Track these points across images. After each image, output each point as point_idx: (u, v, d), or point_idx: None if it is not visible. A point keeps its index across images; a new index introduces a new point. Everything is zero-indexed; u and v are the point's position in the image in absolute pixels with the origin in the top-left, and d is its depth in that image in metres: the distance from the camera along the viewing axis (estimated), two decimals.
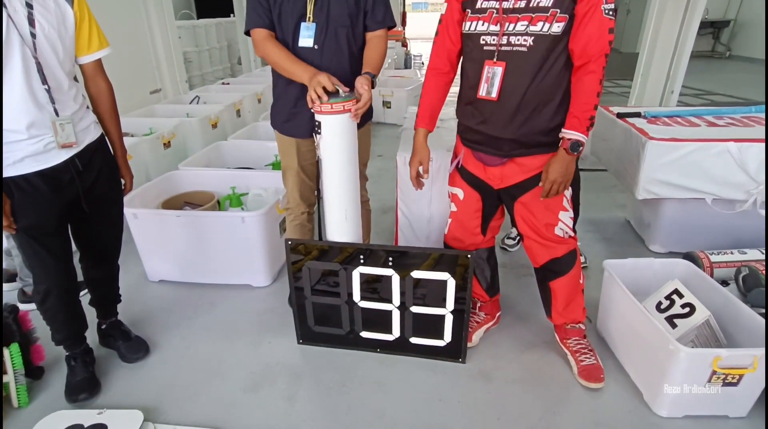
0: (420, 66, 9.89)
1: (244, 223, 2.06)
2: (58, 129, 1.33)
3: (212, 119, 3.88)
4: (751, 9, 10.56)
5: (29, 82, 1.25)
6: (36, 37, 1.24)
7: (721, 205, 2.15)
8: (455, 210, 1.69)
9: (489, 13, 1.33)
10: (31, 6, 1.23)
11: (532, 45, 1.29)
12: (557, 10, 1.25)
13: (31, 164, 1.32)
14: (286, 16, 1.56)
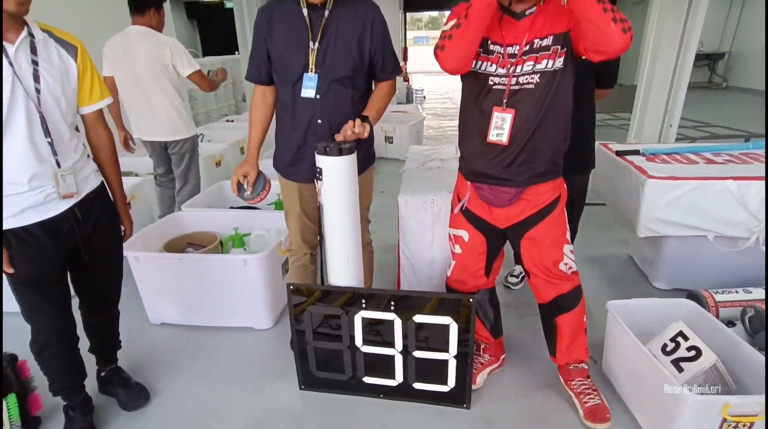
0: (422, 100, 10.09)
1: (246, 266, 2.06)
2: (60, 180, 1.35)
3: (216, 158, 3.96)
4: (745, 41, 10.81)
5: (32, 135, 1.27)
6: (40, 92, 1.27)
7: (723, 242, 2.15)
8: (459, 252, 1.69)
9: (496, 56, 1.38)
10: (36, 63, 1.27)
11: (539, 81, 1.35)
12: (558, 46, 1.33)
13: (32, 215, 1.33)
14: (289, 67, 1.60)
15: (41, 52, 1.29)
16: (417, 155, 2.70)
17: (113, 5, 3.98)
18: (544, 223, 1.52)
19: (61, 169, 1.35)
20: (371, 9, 1.61)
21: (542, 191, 1.50)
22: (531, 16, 1.35)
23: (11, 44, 1.22)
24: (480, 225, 1.61)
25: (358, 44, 1.59)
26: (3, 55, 1.20)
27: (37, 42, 1.28)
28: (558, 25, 1.33)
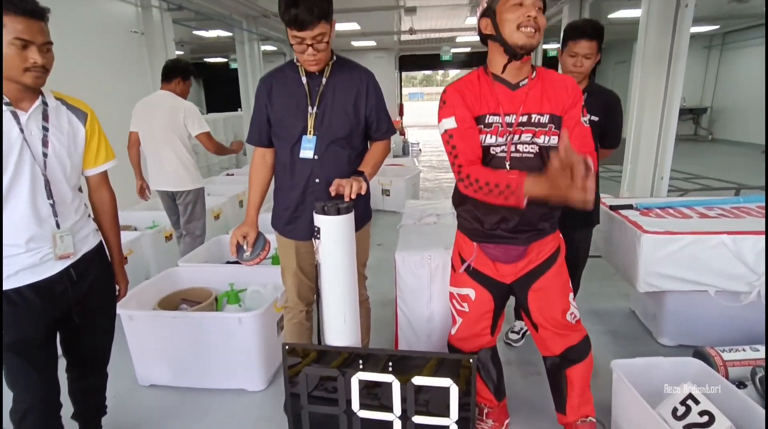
0: (417, 153, 10.34)
1: (241, 324, 2.02)
2: (58, 241, 1.34)
3: (215, 211, 3.98)
4: (724, 97, 11.32)
5: (34, 198, 1.28)
6: (47, 156, 1.30)
7: (725, 297, 2.13)
8: (467, 310, 1.66)
9: (495, 128, 1.42)
10: (46, 129, 1.31)
11: (537, 152, 1.42)
12: (552, 125, 1.40)
13: (25, 277, 1.30)
14: (288, 130, 1.66)
15: (52, 119, 1.33)
16: (413, 211, 2.72)
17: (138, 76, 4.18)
18: (550, 272, 1.55)
19: (60, 229, 1.35)
20: (366, 75, 1.70)
21: (545, 243, 1.54)
22: (525, 87, 1.41)
23: (24, 112, 1.27)
24: (486, 282, 1.60)
25: (354, 107, 1.66)
26: (15, 122, 1.24)
27: (49, 110, 1.33)
28: (555, 106, 1.40)
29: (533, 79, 1.42)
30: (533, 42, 1.33)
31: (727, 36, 11.09)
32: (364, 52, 12.69)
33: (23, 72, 1.19)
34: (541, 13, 1.33)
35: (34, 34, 1.18)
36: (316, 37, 1.49)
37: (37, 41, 1.19)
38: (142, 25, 4.62)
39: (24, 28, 1.16)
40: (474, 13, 8.11)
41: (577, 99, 1.41)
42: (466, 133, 1.40)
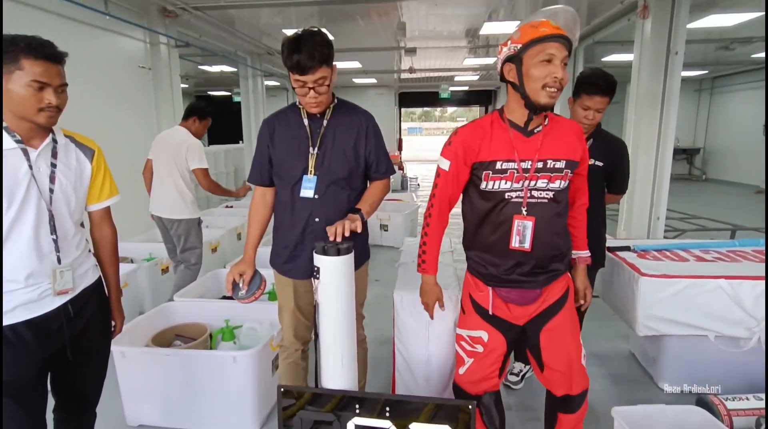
0: (416, 188, 10.43)
1: (235, 363, 1.98)
2: (57, 276, 1.33)
3: (212, 244, 3.97)
4: (716, 139, 11.58)
5: (37, 233, 1.28)
6: (54, 192, 1.31)
7: (725, 342, 2.11)
8: (480, 351, 1.63)
9: (510, 173, 1.44)
10: (54, 166, 1.32)
11: (552, 197, 1.46)
12: (568, 170, 1.45)
13: (22, 313, 1.28)
14: (289, 170, 1.68)
15: (61, 155, 1.35)
16: (412, 248, 2.72)
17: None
18: (562, 312, 1.55)
19: (61, 265, 1.34)
20: (366, 117, 1.75)
21: (557, 283, 1.56)
22: (539, 133, 1.44)
23: (35, 149, 1.29)
24: (500, 325, 1.59)
25: (353, 149, 1.69)
26: (24, 159, 1.26)
27: (58, 147, 1.35)
28: (571, 151, 1.45)
29: (546, 125, 1.45)
30: (555, 101, 1.38)
31: (716, 80, 11.46)
32: (364, 88, 13.02)
33: (37, 112, 1.23)
34: (565, 69, 1.35)
35: (52, 77, 1.23)
36: (317, 81, 1.54)
37: (53, 83, 1.23)
38: (150, 60, 4.75)
39: (42, 71, 1.20)
40: (472, 54, 8.39)
41: (584, 144, 1.51)
42: (449, 181, 1.53)
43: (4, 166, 1.22)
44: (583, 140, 1.50)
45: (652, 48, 4.23)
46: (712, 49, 7.64)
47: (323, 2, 4.77)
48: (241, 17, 5.57)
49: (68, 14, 3.60)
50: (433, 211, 1.60)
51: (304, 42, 1.49)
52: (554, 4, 4.80)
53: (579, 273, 1.65)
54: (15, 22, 3.16)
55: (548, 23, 1.37)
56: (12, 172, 1.23)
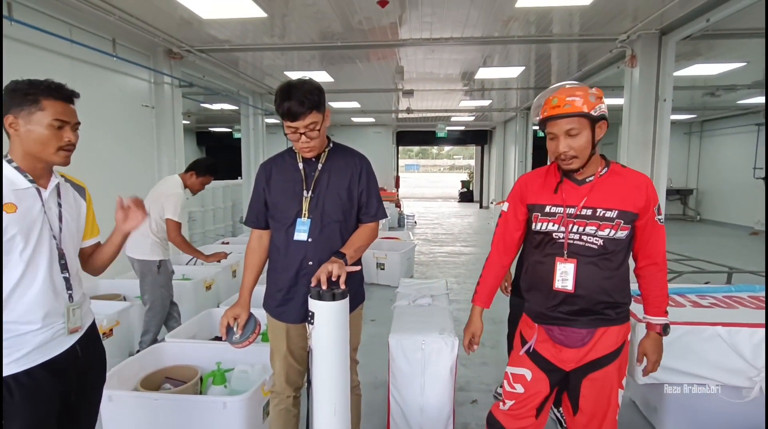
0: (412, 226, 10.46)
1: (225, 409, 1.92)
2: (70, 314, 1.36)
3: (207, 282, 3.93)
4: (708, 180, 11.78)
5: (51, 272, 1.32)
6: (62, 230, 1.37)
7: (727, 392, 2.07)
8: (519, 392, 1.62)
9: (558, 217, 1.52)
10: (60, 205, 1.38)
11: (602, 244, 1.48)
12: (621, 220, 1.46)
13: (37, 356, 1.27)
14: (284, 212, 1.70)
15: (64, 195, 1.41)
16: (408, 290, 2.71)
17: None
18: (611, 366, 1.54)
19: (73, 303, 1.38)
20: (360, 160, 1.78)
21: (612, 333, 1.54)
22: (590, 183, 1.50)
23: (45, 189, 1.34)
24: (545, 365, 1.59)
25: (347, 191, 1.72)
26: (38, 198, 1.32)
27: (61, 187, 1.40)
28: (626, 203, 1.47)
29: (602, 175, 1.50)
30: (573, 167, 1.47)
31: (705, 124, 11.79)
32: (363, 127, 13.30)
33: (56, 151, 1.30)
34: (576, 138, 1.42)
35: (70, 116, 1.32)
36: (308, 126, 1.59)
37: (72, 122, 1.32)
38: (153, 99, 4.87)
39: (63, 110, 1.30)
40: (468, 96, 8.64)
41: (650, 198, 1.49)
42: (508, 221, 1.66)
43: (19, 206, 1.26)
44: (648, 192, 1.48)
45: (640, 95, 4.38)
46: (699, 95, 7.92)
47: (324, 47, 4.96)
48: (244, 59, 5.76)
49: (78, 56, 3.72)
50: (493, 246, 1.72)
51: (294, 90, 1.56)
52: (544, 53, 4.98)
53: (647, 339, 1.62)
54: (28, 64, 3.26)
55: (549, 102, 1.47)
56: (28, 211, 1.27)
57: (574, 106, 1.41)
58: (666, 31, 4.23)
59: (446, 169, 51.19)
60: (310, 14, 3.99)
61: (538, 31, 4.49)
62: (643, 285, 1.60)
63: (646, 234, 1.52)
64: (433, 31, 4.51)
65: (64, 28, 3.54)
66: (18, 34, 3.13)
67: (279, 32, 4.54)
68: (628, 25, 4.23)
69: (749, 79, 6.52)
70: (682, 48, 4.52)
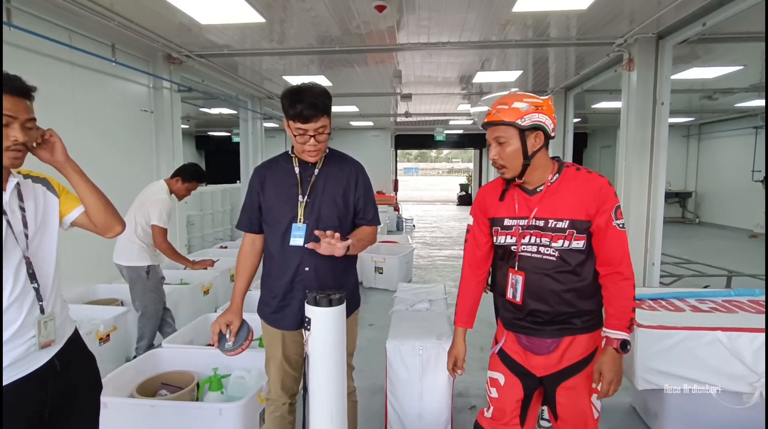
0: (411, 229, 10.45)
1: (221, 416, 1.91)
2: (42, 327, 1.24)
3: (204, 286, 3.92)
4: (707, 183, 11.79)
5: (20, 283, 1.21)
6: (29, 237, 1.24)
7: (727, 397, 2.06)
8: (495, 397, 1.62)
9: (515, 230, 1.50)
10: (23, 209, 1.25)
11: (560, 256, 1.44)
12: (573, 231, 1.42)
13: (9, 374, 1.17)
14: (278, 217, 1.69)
15: (27, 195, 1.27)
16: (406, 294, 2.70)
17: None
18: (582, 374, 1.51)
19: (45, 315, 1.25)
20: (356, 167, 1.78)
21: (580, 341, 1.50)
22: (540, 193, 1.47)
23: (4, 191, 1.21)
24: (516, 369, 1.59)
25: (343, 197, 1.71)
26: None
27: (22, 188, 1.27)
28: (578, 212, 1.42)
29: (553, 184, 1.46)
30: (507, 177, 1.48)
31: (703, 127, 11.82)
32: (362, 130, 13.31)
33: (3, 151, 1.15)
34: (504, 147, 1.43)
35: (19, 111, 1.16)
36: (318, 130, 1.59)
37: (20, 118, 1.16)
38: (152, 104, 4.87)
39: (8, 105, 1.14)
40: (466, 100, 8.66)
41: (604, 202, 1.40)
42: (475, 235, 1.62)
43: None
44: (601, 196, 1.40)
45: (638, 98, 4.39)
46: (697, 98, 7.93)
47: (322, 52, 4.96)
48: (243, 64, 5.76)
49: (78, 62, 3.72)
50: (464, 262, 1.68)
51: (305, 93, 1.56)
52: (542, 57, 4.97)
53: (603, 355, 1.44)
54: (28, 70, 3.23)
55: (490, 112, 1.46)
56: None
57: (501, 115, 1.42)
58: (663, 35, 4.24)
59: (445, 172, 51.26)
60: (308, 19, 4.00)
61: (536, 35, 4.50)
62: (606, 295, 1.47)
63: (604, 239, 1.41)
64: (430, 36, 4.52)
65: (63, 34, 3.54)
66: (18, 40, 3.12)
67: (278, 37, 4.54)
68: (625, 29, 4.24)
69: (746, 82, 6.53)
70: (679, 51, 4.53)
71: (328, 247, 1.52)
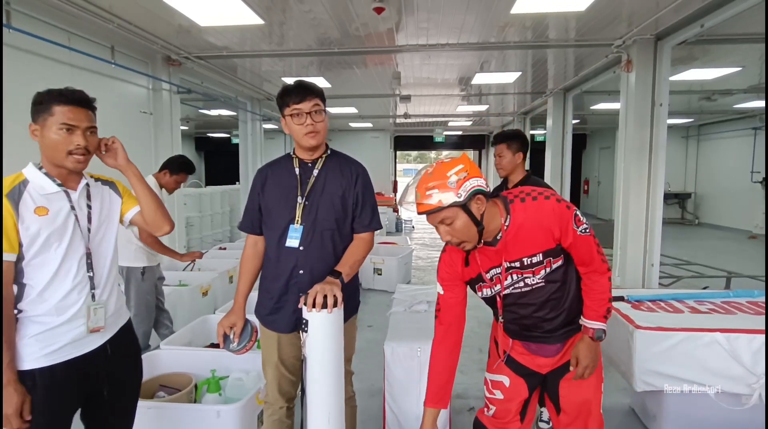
0: (410, 230, 10.45)
1: (219, 418, 1.91)
2: (91, 313, 1.39)
3: (203, 288, 3.91)
4: (706, 184, 11.80)
5: (79, 271, 1.37)
6: (91, 231, 1.42)
7: (726, 399, 2.06)
8: (501, 398, 1.62)
9: (496, 279, 1.48)
10: (90, 206, 1.44)
11: (547, 281, 1.45)
12: (549, 258, 1.42)
13: (69, 351, 1.35)
14: (276, 218, 1.68)
15: (95, 195, 1.46)
16: (404, 296, 2.69)
17: None
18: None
19: (95, 302, 1.40)
20: (357, 168, 1.76)
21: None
22: (502, 240, 1.41)
23: (74, 191, 1.40)
24: (522, 371, 1.59)
25: (341, 198, 1.69)
26: (67, 199, 1.38)
27: (91, 188, 1.46)
28: (545, 242, 1.40)
29: (509, 228, 1.40)
30: (469, 248, 1.39)
31: (702, 128, 11.82)
32: (361, 132, 13.32)
33: (66, 156, 1.33)
34: (452, 225, 1.33)
35: (80, 120, 1.34)
36: (313, 108, 1.61)
37: (81, 125, 1.34)
38: (151, 105, 4.87)
39: (71, 114, 1.32)
40: (465, 101, 8.66)
41: (561, 222, 1.38)
42: (449, 305, 1.54)
43: (50, 209, 1.33)
44: (556, 219, 1.37)
45: (637, 99, 4.39)
46: (696, 100, 7.94)
47: (322, 53, 4.97)
48: (242, 65, 5.77)
49: (77, 63, 3.73)
50: (436, 333, 1.57)
51: (299, 81, 1.64)
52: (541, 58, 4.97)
53: (581, 342, 1.48)
54: (27, 72, 3.25)
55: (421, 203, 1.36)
56: (58, 213, 1.34)
57: (433, 203, 1.31)
58: (661, 37, 4.24)
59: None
60: (307, 21, 4.00)
61: (534, 37, 4.51)
62: (584, 289, 1.50)
63: (574, 248, 1.42)
64: (429, 37, 4.52)
65: (63, 36, 3.54)
66: (17, 42, 3.13)
67: (277, 39, 4.54)
68: (623, 31, 4.24)
69: (745, 83, 6.54)
70: (677, 53, 4.54)
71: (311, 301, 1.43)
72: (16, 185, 1.32)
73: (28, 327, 1.31)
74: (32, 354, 1.30)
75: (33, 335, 1.31)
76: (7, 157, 1.80)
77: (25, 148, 1.66)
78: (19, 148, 1.87)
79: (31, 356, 1.30)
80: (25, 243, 1.29)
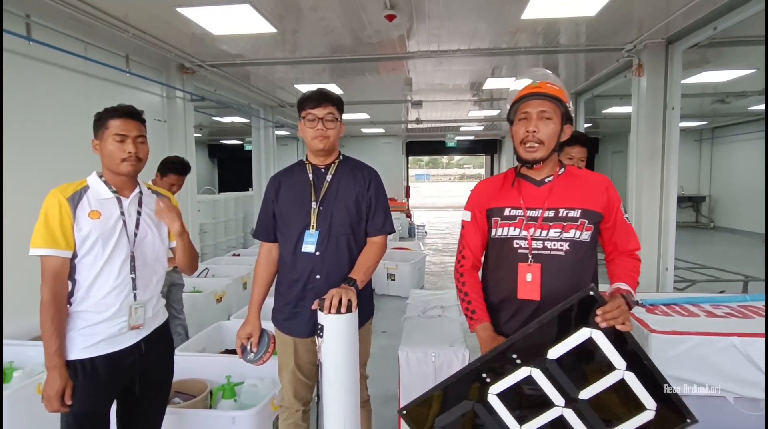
0: (423, 235, 10.44)
1: (234, 424, 1.94)
2: (132, 312, 1.51)
3: (218, 294, 3.96)
4: (721, 187, 11.62)
5: (123, 272, 1.50)
6: (138, 236, 1.55)
7: (744, 404, 2.03)
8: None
9: (519, 220, 1.45)
10: (140, 213, 1.57)
11: (569, 249, 1.41)
12: (585, 220, 1.42)
13: (104, 347, 1.47)
14: (291, 224, 1.72)
15: (146, 204, 1.60)
16: (418, 301, 2.71)
17: None
18: None
19: (136, 302, 1.52)
20: (369, 172, 1.79)
21: None
22: (549, 184, 1.46)
23: (126, 198, 1.55)
24: None
25: (355, 203, 1.72)
26: (118, 205, 1.53)
27: (144, 197, 1.61)
28: (589, 202, 1.42)
29: (560, 175, 1.47)
30: (536, 156, 1.41)
31: (716, 131, 11.66)
32: (373, 137, 13.38)
33: (120, 162, 1.49)
34: (547, 123, 1.39)
35: (129, 130, 1.50)
36: (327, 115, 1.67)
37: (130, 134, 1.50)
38: (166, 113, 4.97)
39: (122, 125, 1.49)
40: (477, 107, 8.67)
41: (613, 199, 1.44)
42: (474, 230, 1.56)
43: (102, 213, 1.48)
44: (609, 192, 1.44)
45: (648, 103, 4.36)
46: (709, 103, 7.84)
47: (334, 60, 5.02)
48: (256, 73, 5.85)
49: (93, 72, 3.82)
50: (465, 262, 1.57)
51: (319, 89, 1.71)
52: (552, 63, 4.96)
53: (612, 298, 1.29)
54: (44, 81, 3.35)
55: (530, 85, 1.44)
56: (108, 217, 1.49)
57: (553, 89, 1.41)
58: (672, 40, 4.22)
59: (456, 178, 51.09)
60: (320, 29, 4.06)
61: (546, 42, 4.51)
62: (613, 268, 1.47)
63: (614, 230, 1.46)
64: (441, 44, 4.55)
65: (79, 46, 3.63)
66: (36, 53, 3.22)
67: (290, 47, 4.61)
68: (634, 35, 4.22)
69: (759, 85, 6.45)
70: (690, 56, 4.50)
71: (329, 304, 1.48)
72: (78, 190, 1.49)
73: (76, 321, 1.46)
74: (77, 345, 1.44)
75: (78, 329, 1.45)
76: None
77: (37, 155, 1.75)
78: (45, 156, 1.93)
79: (75, 348, 1.44)
80: (78, 242, 1.44)
